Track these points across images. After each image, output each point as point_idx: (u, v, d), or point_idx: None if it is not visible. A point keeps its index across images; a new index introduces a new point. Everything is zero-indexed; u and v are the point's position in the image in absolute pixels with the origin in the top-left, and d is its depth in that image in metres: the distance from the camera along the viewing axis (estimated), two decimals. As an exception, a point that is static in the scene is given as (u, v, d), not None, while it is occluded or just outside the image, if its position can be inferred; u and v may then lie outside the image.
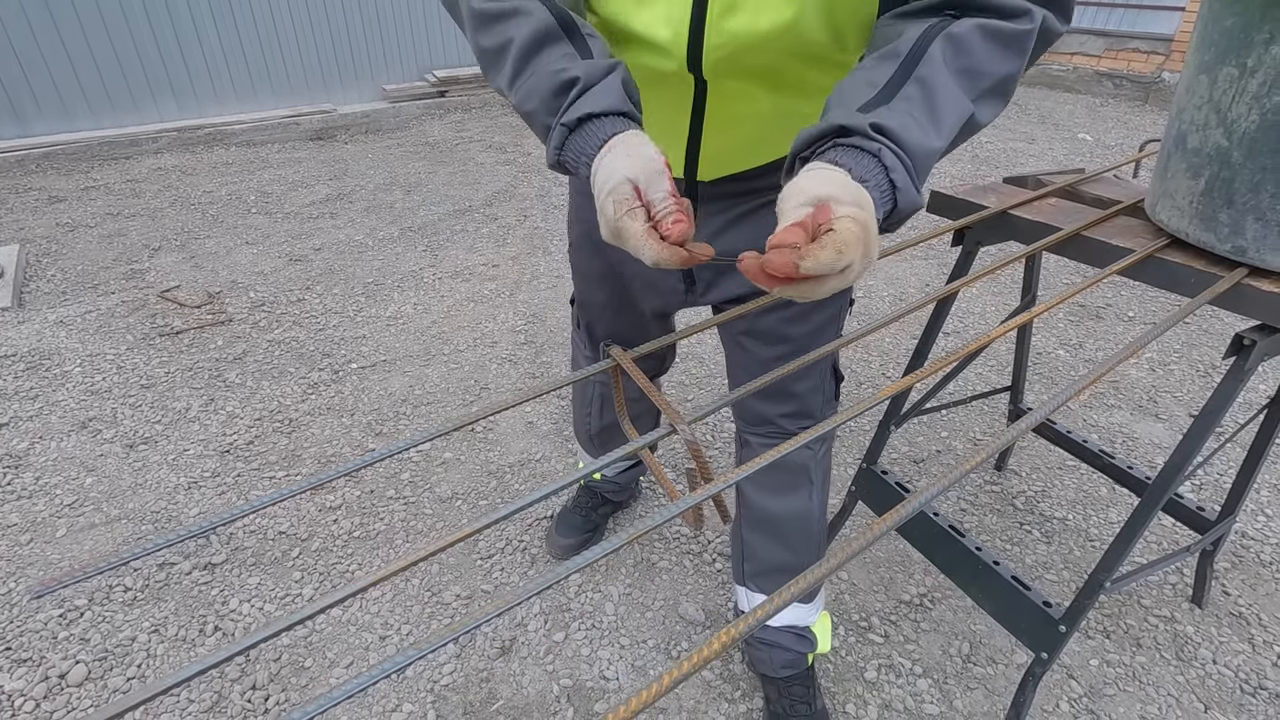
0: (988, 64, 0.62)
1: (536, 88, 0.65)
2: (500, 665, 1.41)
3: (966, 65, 0.61)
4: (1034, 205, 1.23)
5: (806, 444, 1.14)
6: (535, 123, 0.67)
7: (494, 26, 0.69)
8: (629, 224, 0.57)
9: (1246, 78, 0.89)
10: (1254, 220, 0.93)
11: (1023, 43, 0.62)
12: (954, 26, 0.62)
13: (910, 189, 0.58)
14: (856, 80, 0.64)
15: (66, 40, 4.29)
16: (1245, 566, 1.66)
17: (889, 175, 0.57)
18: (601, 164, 0.60)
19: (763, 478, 1.19)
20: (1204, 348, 2.56)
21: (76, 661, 1.40)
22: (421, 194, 3.99)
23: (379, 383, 2.31)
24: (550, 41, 0.67)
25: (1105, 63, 6.47)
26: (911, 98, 0.60)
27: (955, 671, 1.42)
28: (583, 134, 0.63)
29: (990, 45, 0.62)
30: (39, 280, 2.93)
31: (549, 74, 0.65)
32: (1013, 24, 0.62)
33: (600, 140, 0.62)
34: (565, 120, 0.63)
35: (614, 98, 0.64)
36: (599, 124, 0.63)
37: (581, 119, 0.63)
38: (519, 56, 0.67)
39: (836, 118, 0.60)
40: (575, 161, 0.64)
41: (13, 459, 1.93)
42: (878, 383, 2.38)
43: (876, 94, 0.61)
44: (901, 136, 0.58)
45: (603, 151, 0.61)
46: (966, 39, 0.61)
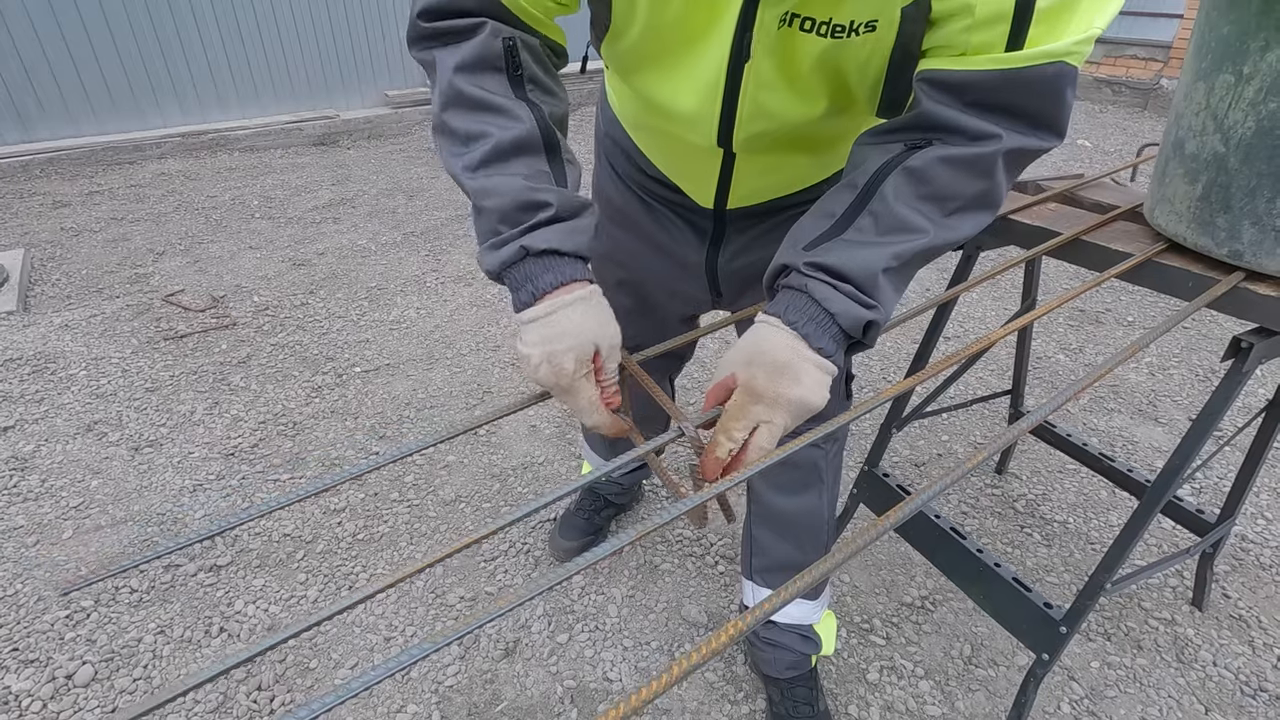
0: (952, 188, 0.63)
1: (502, 189, 0.63)
2: (504, 666, 1.42)
3: (929, 193, 0.63)
4: (1033, 210, 1.24)
5: (818, 443, 1.16)
6: (484, 218, 0.65)
7: (474, 114, 0.66)
8: (585, 386, 0.63)
9: (1243, 85, 0.91)
10: (1250, 225, 0.94)
11: (990, 164, 0.63)
12: (912, 159, 0.63)
13: (853, 308, 0.61)
14: (818, 210, 0.68)
15: (71, 45, 4.31)
16: (1245, 569, 1.67)
17: (822, 306, 0.61)
18: (565, 313, 0.62)
19: (774, 475, 1.20)
20: (1203, 351, 2.57)
21: (83, 662, 1.41)
22: (424, 199, 4.01)
23: (382, 386, 2.32)
24: (530, 152, 0.66)
25: (1104, 69, 6.50)
26: (863, 228, 0.64)
27: (957, 673, 1.42)
28: (541, 264, 0.63)
29: (952, 171, 0.63)
30: (44, 284, 2.94)
31: (521, 184, 0.63)
32: (974, 148, 0.62)
33: (558, 280, 0.63)
34: (528, 244, 0.62)
35: (582, 240, 0.65)
36: (561, 263, 0.63)
37: (547, 250, 0.63)
38: (493, 153, 0.65)
39: (783, 256, 0.66)
40: (518, 284, 0.63)
41: (19, 461, 1.94)
42: (879, 386, 2.39)
43: (830, 225, 0.65)
44: (840, 268, 0.62)
45: (566, 297, 0.63)
46: (926, 170, 0.63)
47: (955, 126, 0.62)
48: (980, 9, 0.58)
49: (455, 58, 0.66)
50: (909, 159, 0.63)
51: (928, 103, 0.63)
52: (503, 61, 0.66)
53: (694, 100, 0.74)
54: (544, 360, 0.62)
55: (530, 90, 0.68)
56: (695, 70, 0.72)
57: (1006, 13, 0.57)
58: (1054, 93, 0.61)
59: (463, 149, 0.66)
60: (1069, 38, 0.58)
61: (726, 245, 1.00)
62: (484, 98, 0.66)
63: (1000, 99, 0.61)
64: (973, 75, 0.60)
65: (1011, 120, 0.62)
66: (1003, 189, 0.66)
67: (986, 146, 0.62)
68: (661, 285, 1.11)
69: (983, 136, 0.62)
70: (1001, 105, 0.61)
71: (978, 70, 0.60)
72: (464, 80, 0.66)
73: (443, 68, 0.67)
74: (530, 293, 0.63)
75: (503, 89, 0.67)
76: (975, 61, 0.60)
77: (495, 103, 0.66)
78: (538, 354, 0.62)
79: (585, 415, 0.64)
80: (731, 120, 0.75)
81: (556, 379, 0.63)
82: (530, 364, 0.63)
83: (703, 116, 0.76)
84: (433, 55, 0.68)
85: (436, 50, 0.68)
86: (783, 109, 0.73)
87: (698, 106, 0.75)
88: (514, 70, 0.67)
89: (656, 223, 1.04)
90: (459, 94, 0.66)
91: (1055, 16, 0.57)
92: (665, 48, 0.72)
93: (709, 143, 0.79)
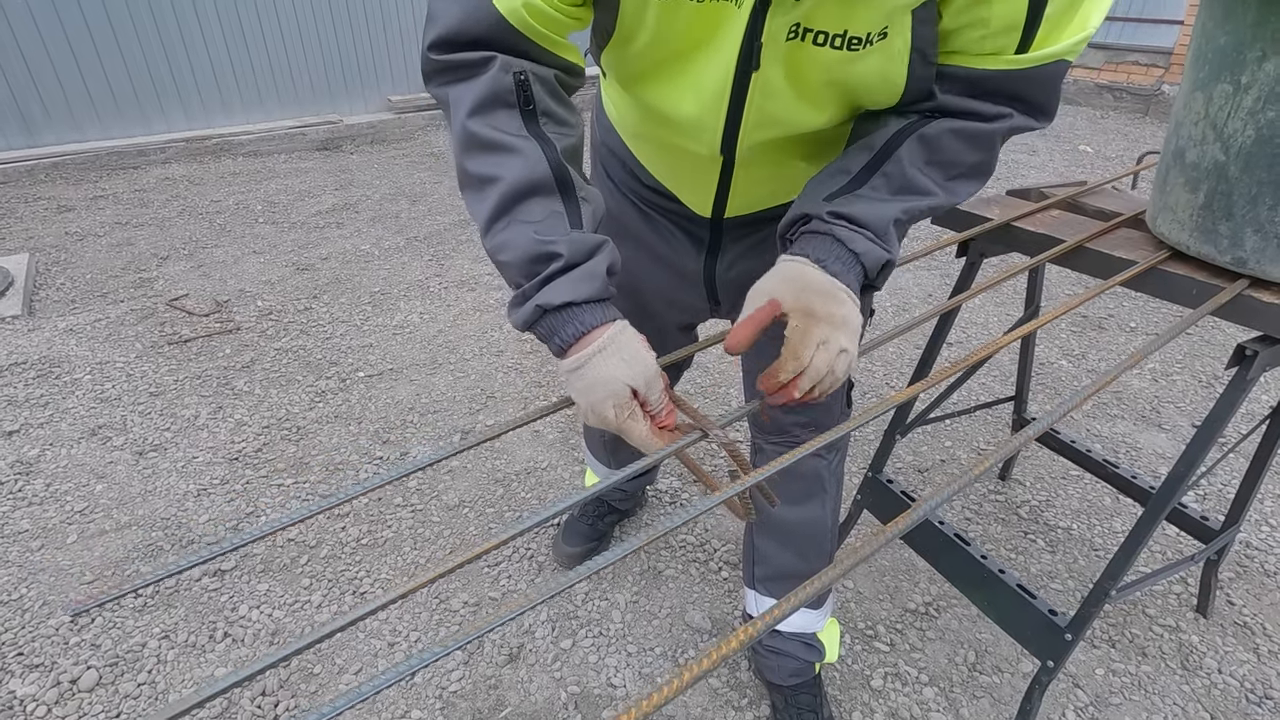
0: (957, 156, 0.71)
1: (514, 243, 0.65)
2: (508, 672, 1.42)
3: (937, 159, 0.71)
4: (1036, 217, 1.24)
5: (821, 453, 1.16)
6: (506, 272, 0.67)
7: (484, 155, 0.66)
8: (634, 426, 0.65)
9: (1241, 94, 0.91)
10: (1253, 232, 0.95)
11: (993, 139, 0.71)
12: (927, 128, 0.70)
13: (874, 249, 0.68)
14: (833, 167, 0.73)
15: (76, 51, 4.34)
16: (1250, 576, 1.67)
17: (848, 246, 0.68)
18: (592, 364, 0.64)
19: (777, 485, 1.20)
20: (1206, 358, 2.57)
21: (88, 667, 1.41)
22: (427, 204, 4.02)
23: (386, 391, 2.32)
24: (540, 193, 0.66)
25: (1105, 75, 6.52)
26: (877, 186, 0.70)
27: (961, 680, 1.42)
28: (560, 318, 0.64)
29: (960, 142, 0.70)
30: (49, 289, 2.95)
31: (530, 237, 0.64)
32: (986, 125, 0.70)
33: (580, 330, 0.64)
34: (542, 303, 0.64)
35: (596, 285, 0.65)
36: (580, 313, 0.65)
37: (561, 306, 0.64)
38: (501, 200, 0.65)
39: (803, 206, 0.71)
40: (546, 338, 0.66)
41: (24, 466, 1.94)
42: (882, 392, 2.39)
43: (847, 182, 0.71)
44: (859, 217, 0.68)
45: (590, 347, 0.64)
46: (937, 138, 0.70)
47: (967, 111, 0.69)
48: (995, 21, 0.63)
49: (468, 99, 0.66)
50: (923, 127, 0.70)
51: (943, 95, 0.69)
52: (514, 97, 0.66)
53: (697, 109, 0.75)
54: (589, 410, 0.66)
55: (544, 123, 0.68)
56: (700, 79, 0.72)
57: (1019, 23, 0.63)
58: (1053, 84, 0.69)
59: (479, 195, 0.67)
60: (1071, 38, 0.65)
61: (724, 254, 1.00)
62: (495, 139, 0.66)
63: (1008, 89, 0.68)
64: (986, 73, 0.67)
65: (1015, 105, 0.70)
66: (996, 160, 0.74)
67: (997, 125, 0.69)
68: (659, 294, 1.11)
69: (995, 116, 0.69)
70: (1008, 94, 0.69)
71: (991, 69, 0.67)
72: (476, 122, 0.66)
73: (456, 111, 0.67)
74: (558, 345, 0.66)
75: (515, 126, 0.67)
76: (990, 62, 0.66)
77: (506, 143, 0.66)
78: (583, 404, 0.66)
79: (644, 448, 0.66)
80: (735, 129, 0.75)
81: (605, 425, 0.66)
82: (581, 411, 0.67)
83: (706, 125, 0.76)
84: (446, 94, 0.69)
85: (450, 89, 0.68)
86: (789, 117, 0.74)
87: (701, 115, 0.75)
88: (526, 105, 0.67)
89: (654, 232, 1.04)
90: (472, 136, 0.66)
91: (1058, 20, 0.63)
92: (670, 56, 0.72)
93: (711, 151, 0.80)
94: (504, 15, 0.64)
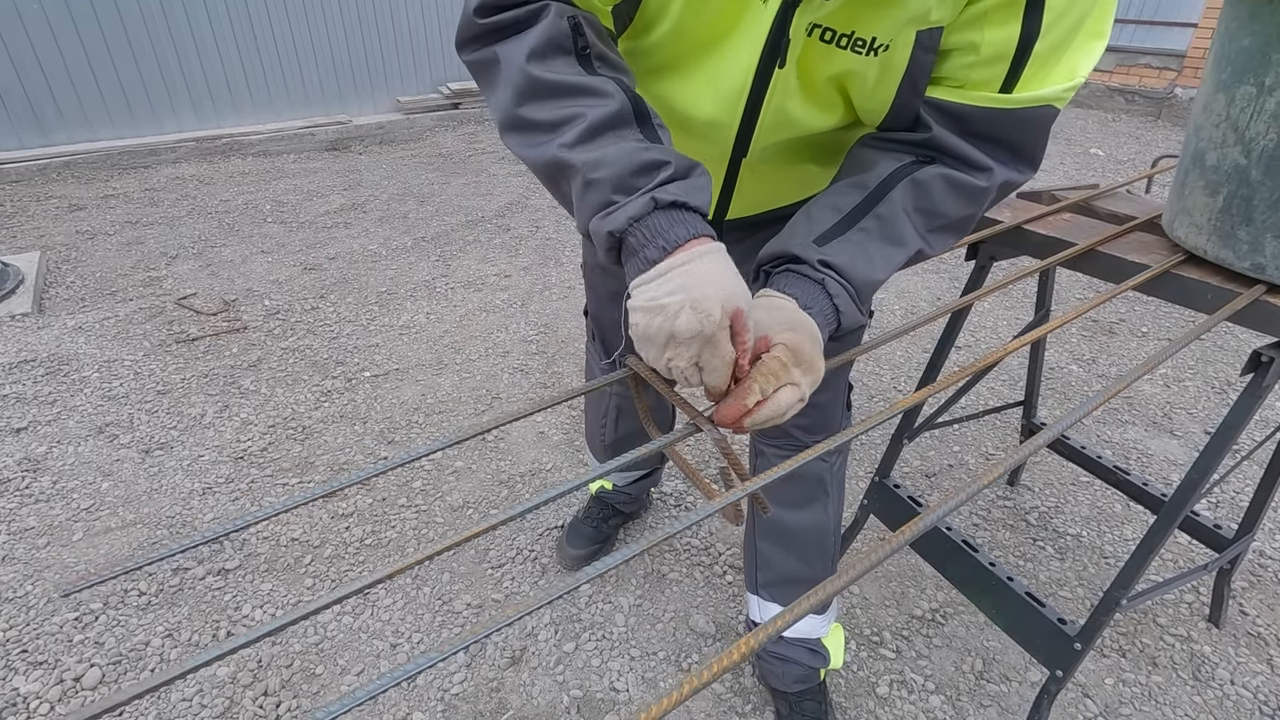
0: (944, 207, 0.70)
1: (615, 156, 0.60)
2: (510, 675, 1.41)
3: (925, 206, 0.70)
4: (1048, 220, 1.23)
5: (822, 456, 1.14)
6: (595, 190, 0.61)
7: (559, 100, 0.63)
8: (725, 339, 0.57)
9: (1264, 96, 0.90)
10: (1274, 238, 0.93)
11: (980, 196, 0.71)
12: (920, 172, 0.69)
13: (852, 311, 0.68)
14: (824, 204, 0.71)
15: (89, 52, 4.37)
16: (1263, 586, 1.64)
17: (833, 300, 0.67)
18: (704, 261, 0.58)
19: (779, 489, 1.19)
20: (1219, 364, 2.54)
21: (91, 665, 1.41)
22: (435, 204, 4.03)
23: (391, 391, 2.32)
24: (625, 124, 0.63)
25: (1117, 78, 6.47)
26: (868, 230, 0.69)
27: (968, 688, 1.40)
28: (671, 218, 0.59)
29: (950, 192, 0.70)
30: (58, 287, 2.97)
31: (634, 148, 0.60)
32: (973, 178, 0.69)
33: (690, 234, 0.59)
34: (659, 197, 0.58)
35: (704, 197, 0.61)
36: (691, 217, 0.60)
37: (675, 203, 0.59)
38: (590, 129, 0.62)
39: (794, 246, 0.68)
40: (646, 240, 0.59)
41: (31, 463, 1.95)
42: (889, 396, 2.37)
43: (838, 221, 0.69)
44: (847, 271, 0.67)
45: (700, 249, 0.58)
46: (929, 184, 0.69)
47: (958, 153, 0.69)
48: (985, 49, 0.64)
49: (524, 47, 0.64)
50: (917, 171, 0.69)
51: (936, 129, 0.69)
52: (570, 41, 0.64)
53: (714, 106, 0.74)
54: (686, 305, 0.56)
55: (599, 67, 0.66)
56: (719, 75, 0.71)
57: (1007, 55, 0.64)
58: (1040, 131, 0.69)
59: (551, 135, 0.63)
60: (1058, 84, 0.65)
61: None
62: (565, 81, 0.63)
63: (995, 131, 0.68)
64: (977, 110, 0.67)
65: (1001, 151, 0.70)
66: (977, 220, 0.75)
67: (981, 180, 0.69)
68: None
69: (981, 168, 0.69)
70: (995, 137, 0.69)
71: (981, 106, 0.67)
72: (538, 68, 0.63)
73: (510, 61, 0.64)
74: (660, 248, 0.58)
75: (574, 70, 0.64)
76: (976, 97, 0.67)
77: (579, 83, 0.63)
78: (679, 300, 0.56)
79: (717, 374, 0.59)
80: (751, 129, 0.74)
81: (702, 325, 0.56)
82: (668, 311, 0.57)
83: (722, 124, 0.75)
84: (493, 52, 0.66)
85: (499, 46, 0.66)
86: (803, 118, 0.74)
87: (718, 114, 0.74)
88: (581, 49, 0.65)
89: None
90: (536, 83, 0.63)
91: (1046, 60, 0.64)
92: (690, 49, 0.72)
93: (723, 151, 0.79)
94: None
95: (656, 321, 0.57)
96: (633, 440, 1.46)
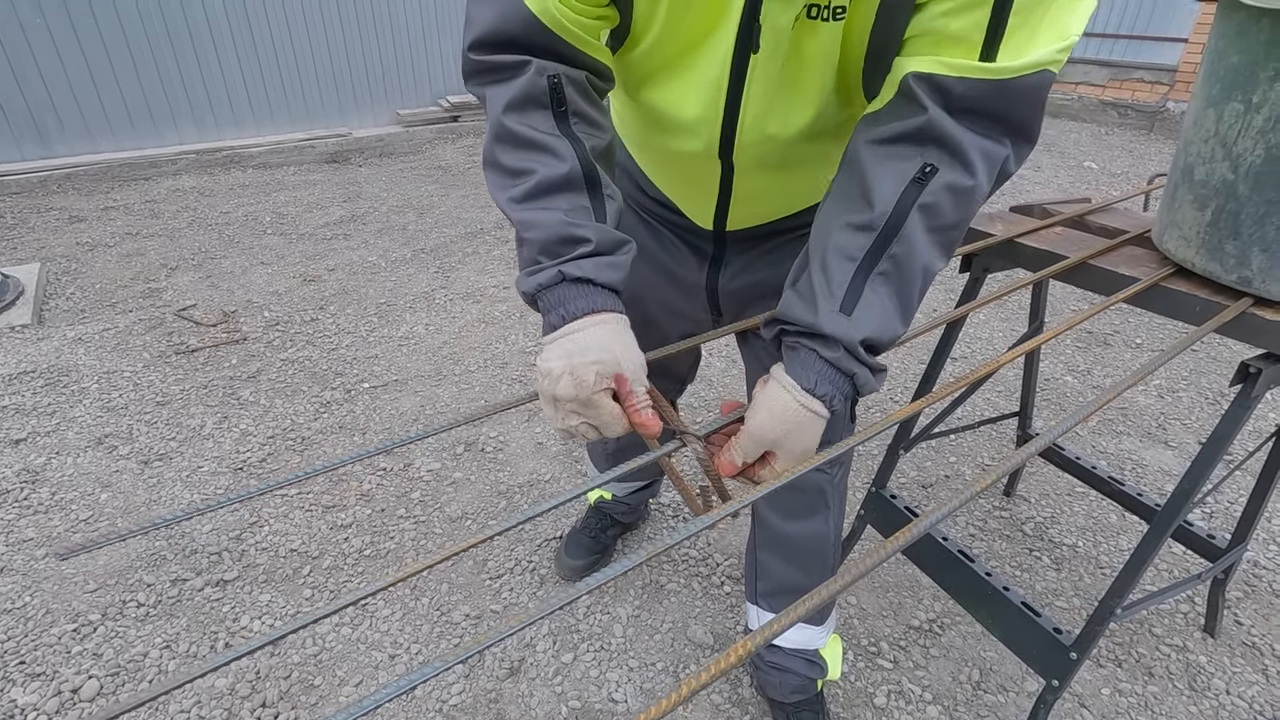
0: (955, 218, 0.67)
1: (543, 222, 0.67)
2: (509, 686, 1.41)
3: (938, 224, 0.66)
4: (1041, 234, 1.25)
5: (823, 468, 1.16)
6: (526, 248, 0.69)
7: (521, 152, 0.69)
8: (605, 400, 0.65)
9: (1252, 113, 0.92)
10: (1260, 251, 0.95)
11: (973, 196, 0.66)
12: (926, 195, 0.65)
13: (869, 381, 0.67)
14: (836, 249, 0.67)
15: (91, 65, 4.40)
16: (1258, 596, 1.65)
17: (854, 383, 0.67)
18: (591, 331, 0.65)
19: (779, 499, 1.20)
20: (1212, 375, 2.56)
21: (89, 676, 1.41)
22: (434, 216, 4.05)
23: (390, 402, 2.33)
24: (572, 189, 0.69)
25: (1110, 92, 6.54)
26: (887, 275, 0.66)
27: (966, 699, 1.41)
28: (577, 290, 0.66)
29: (957, 200, 0.66)
30: (58, 298, 2.98)
31: (561, 219, 0.67)
32: (967, 179, 0.65)
33: (590, 307, 0.66)
34: (567, 271, 0.65)
35: (618, 275, 0.68)
36: (594, 292, 0.67)
37: (581, 279, 0.66)
38: (537, 188, 0.68)
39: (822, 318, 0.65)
40: (551, 307, 0.67)
41: (30, 474, 1.95)
42: (886, 407, 2.39)
43: (855, 273, 0.66)
44: (876, 339, 0.66)
45: (593, 320, 0.66)
46: (939, 203, 0.65)
47: (954, 142, 0.64)
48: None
49: (504, 96, 0.69)
50: (922, 194, 0.65)
51: (933, 109, 0.64)
52: (548, 98, 0.69)
53: (698, 105, 0.76)
54: (566, 372, 0.64)
55: (575, 124, 0.71)
56: (699, 72, 0.73)
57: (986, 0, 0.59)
58: (1037, 100, 0.64)
59: (510, 182, 0.69)
60: (1050, 45, 0.60)
61: (727, 266, 1.01)
62: (530, 136, 0.68)
63: (989, 106, 0.64)
64: (970, 84, 0.62)
65: (1000, 128, 0.65)
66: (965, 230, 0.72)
67: (978, 179, 0.65)
68: (663, 305, 1.12)
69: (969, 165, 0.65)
70: (991, 112, 0.64)
71: (973, 78, 0.62)
72: (512, 118, 0.69)
73: (493, 106, 0.70)
74: (561, 315, 0.66)
75: (548, 125, 0.69)
76: (963, 66, 0.62)
77: (540, 141, 0.68)
78: (559, 366, 0.64)
79: (609, 428, 0.66)
80: (734, 122, 0.76)
81: (577, 391, 0.64)
82: (551, 376, 0.64)
83: (705, 120, 0.76)
84: (485, 92, 0.71)
85: (488, 89, 0.71)
86: (786, 109, 0.74)
87: (701, 111, 0.76)
88: (558, 106, 0.70)
89: (658, 243, 1.05)
90: (507, 131, 0.69)
91: (1032, 13, 0.59)
92: (675, 54, 0.74)
93: (709, 149, 0.80)
94: (537, 15, 0.67)
95: (544, 385, 0.66)
96: (634, 450, 1.47)
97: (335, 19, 5.13)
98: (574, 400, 0.64)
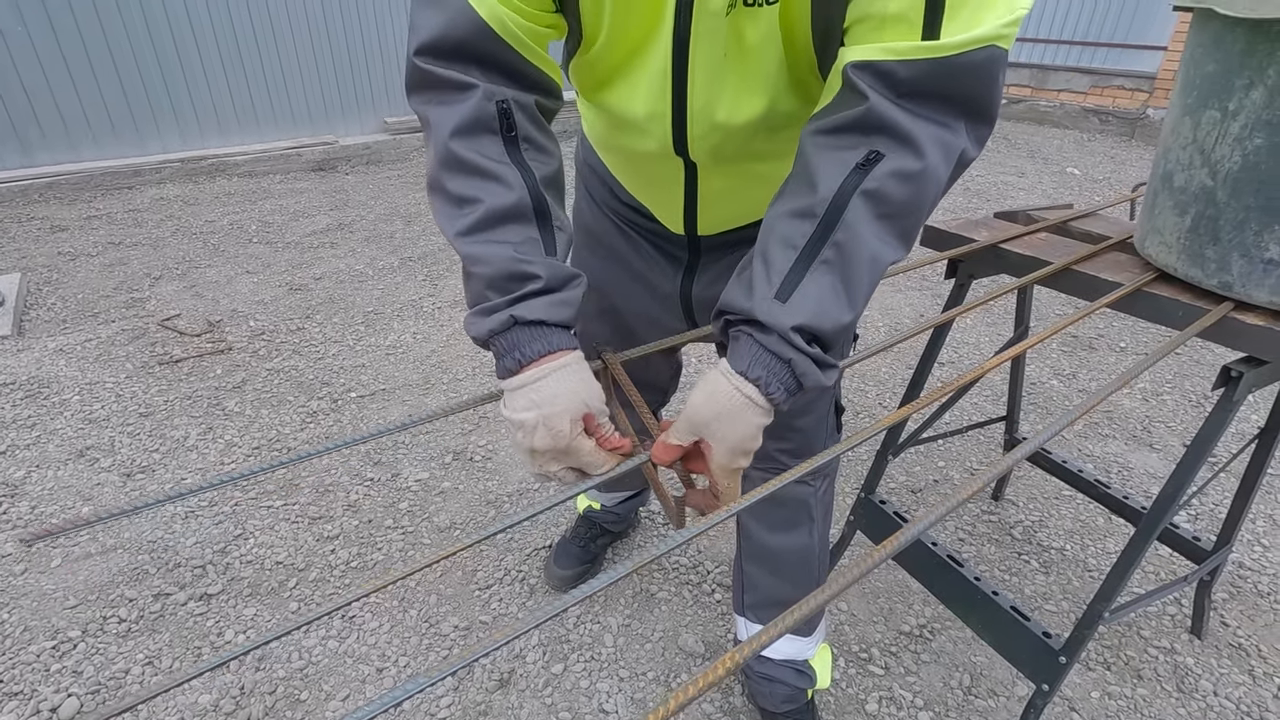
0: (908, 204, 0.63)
1: (491, 258, 0.65)
2: (498, 698, 1.40)
3: (887, 212, 0.63)
4: (1025, 239, 1.26)
5: (807, 480, 1.15)
6: (473, 283, 0.67)
7: (468, 179, 0.66)
8: (583, 442, 0.66)
9: (1228, 121, 0.93)
10: (1239, 256, 0.96)
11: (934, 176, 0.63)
12: (869, 181, 0.62)
13: (816, 376, 0.62)
14: (778, 237, 0.64)
15: (73, 72, 4.36)
16: (1243, 597, 1.66)
17: (794, 372, 0.62)
18: (553, 378, 0.65)
19: (763, 512, 1.19)
20: (1196, 378, 2.59)
21: (69, 694, 1.38)
22: (421, 224, 4.03)
23: (378, 411, 2.31)
24: (520, 220, 0.67)
25: (1091, 99, 6.63)
26: (830, 262, 0.62)
27: (956, 704, 1.41)
28: (530, 333, 0.65)
29: (907, 186, 0.62)
30: (39, 308, 2.94)
31: (510, 255, 0.65)
32: (915, 162, 0.62)
33: (545, 349, 0.65)
34: (518, 315, 0.64)
35: (569, 312, 0.67)
36: (548, 333, 0.66)
37: (534, 321, 0.65)
38: (483, 219, 0.66)
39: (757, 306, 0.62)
40: (505, 351, 0.65)
41: (9, 487, 1.92)
42: (874, 412, 2.39)
43: (795, 261, 0.63)
44: (816, 326, 0.61)
45: (549, 364, 0.65)
46: (883, 189, 0.62)
47: (898, 128, 0.61)
48: None
49: (451, 121, 0.66)
50: (865, 180, 0.62)
51: (874, 96, 0.61)
52: (497, 124, 0.67)
53: (647, 100, 0.75)
54: (539, 423, 0.64)
55: (525, 150, 0.69)
56: (645, 70, 0.73)
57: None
58: (988, 77, 0.61)
59: (456, 211, 0.67)
60: (996, 20, 0.58)
61: (701, 274, 1.00)
62: (478, 163, 0.66)
63: (936, 87, 0.61)
64: (911, 64, 0.60)
65: (951, 109, 0.62)
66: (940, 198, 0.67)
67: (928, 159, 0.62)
68: (640, 314, 1.11)
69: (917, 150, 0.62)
70: (940, 94, 0.61)
71: (913, 59, 0.59)
72: (459, 144, 0.66)
73: (438, 130, 0.67)
74: (516, 360, 0.65)
75: (498, 152, 0.67)
76: (903, 49, 0.59)
77: (488, 169, 0.66)
78: (532, 417, 0.64)
79: (592, 467, 0.67)
80: (683, 116, 0.75)
81: (554, 441, 0.64)
82: (525, 429, 0.64)
83: (656, 115, 0.76)
84: (428, 114, 0.68)
85: (432, 109, 0.68)
86: (734, 97, 0.73)
87: (651, 105, 0.75)
88: (508, 132, 0.68)
89: (633, 250, 1.04)
90: (454, 158, 0.66)
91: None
92: (624, 55, 0.74)
93: (664, 147, 0.79)
94: (486, 20, 0.65)
95: (519, 437, 0.66)
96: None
97: (321, 26, 5.11)
98: (552, 449, 0.65)
